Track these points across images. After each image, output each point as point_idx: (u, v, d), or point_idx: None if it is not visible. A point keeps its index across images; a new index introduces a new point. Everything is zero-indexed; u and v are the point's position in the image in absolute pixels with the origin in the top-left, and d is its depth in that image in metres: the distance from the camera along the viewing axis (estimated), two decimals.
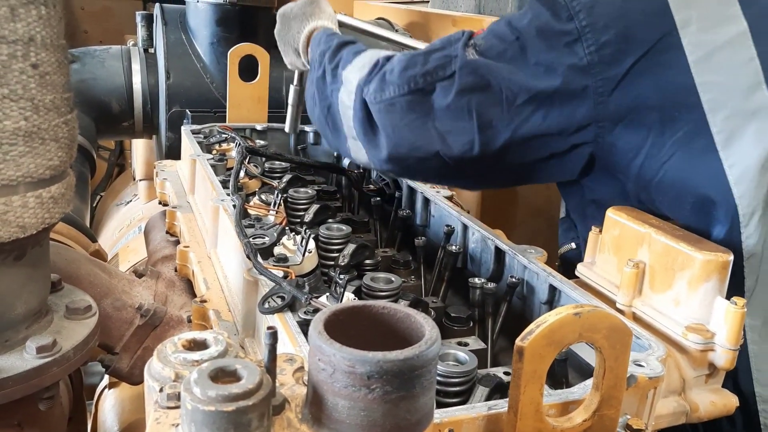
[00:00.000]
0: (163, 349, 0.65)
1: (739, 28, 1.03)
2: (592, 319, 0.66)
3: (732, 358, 0.94)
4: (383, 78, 1.21)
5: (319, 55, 1.43)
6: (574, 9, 1.08)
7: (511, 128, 1.13)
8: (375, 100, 1.21)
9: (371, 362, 0.54)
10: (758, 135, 1.02)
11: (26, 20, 0.81)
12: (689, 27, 1.04)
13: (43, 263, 0.98)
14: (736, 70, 1.04)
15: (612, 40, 1.07)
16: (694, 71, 1.04)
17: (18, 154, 0.83)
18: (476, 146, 1.14)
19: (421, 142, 1.18)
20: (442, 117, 1.15)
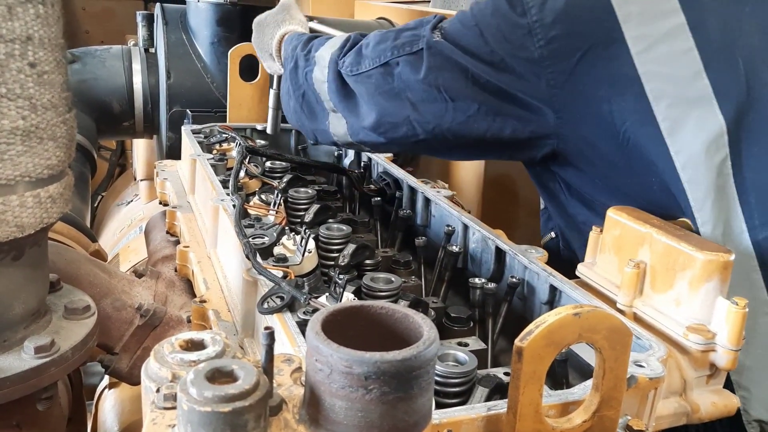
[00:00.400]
0: (160, 350, 0.65)
1: (677, 20, 1.08)
2: (591, 319, 0.66)
3: (733, 358, 0.93)
4: (359, 51, 1.31)
5: (291, 50, 1.53)
6: (527, 5, 1.14)
7: (475, 105, 1.21)
8: (351, 72, 1.31)
9: (368, 363, 0.54)
10: (700, 122, 1.08)
11: (24, 19, 0.81)
12: (630, 21, 1.10)
13: (42, 263, 0.97)
14: (676, 60, 1.09)
15: (560, 35, 1.13)
16: (637, 63, 1.10)
17: (16, 153, 0.83)
18: (446, 117, 1.22)
19: (393, 109, 1.27)
20: (415, 88, 1.24)
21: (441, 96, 1.22)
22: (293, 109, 1.53)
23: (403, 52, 1.25)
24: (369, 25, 2.82)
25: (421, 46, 1.23)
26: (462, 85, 1.20)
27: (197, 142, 1.80)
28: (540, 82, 1.16)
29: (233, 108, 2.12)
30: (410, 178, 1.59)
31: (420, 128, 1.26)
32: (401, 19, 3.01)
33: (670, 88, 1.10)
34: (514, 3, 1.16)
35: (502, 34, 1.16)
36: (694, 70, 1.08)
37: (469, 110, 1.21)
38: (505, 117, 1.21)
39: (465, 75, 1.20)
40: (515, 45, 1.16)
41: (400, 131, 1.28)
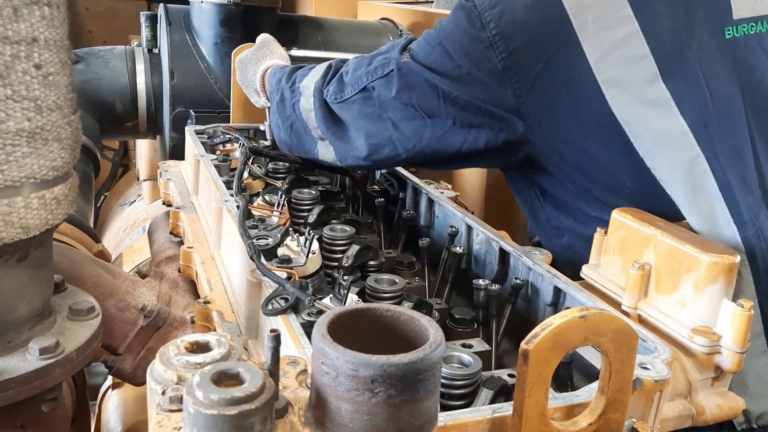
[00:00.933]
0: (165, 352, 0.65)
1: (631, 27, 1.11)
2: (597, 322, 0.66)
3: (738, 361, 0.93)
4: (341, 79, 1.36)
5: (275, 83, 1.60)
6: (485, 19, 1.17)
7: (450, 120, 1.24)
8: (336, 100, 1.36)
9: (375, 366, 0.54)
10: (661, 123, 1.11)
11: (29, 20, 0.81)
12: (587, 30, 1.13)
13: (47, 264, 0.97)
14: (632, 66, 1.12)
15: (520, 47, 1.16)
16: (595, 70, 1.13)
17: (21, 155, 0.83)
18: (425, 133, 1.26)
19: (377, 130, 1.31)
20: (393, 108, 1.28)
21: (418, 114, 1.26)
22: (283, 139, 1.58)
23: (376, 76, 1.30)
24: (372, 26, 2.82)
25: (392, 68, 1.28)
26: (434, 102, 1.24)
27: (200, 143, 1.80)
28: (506, 92, 1.19)
29: (236, 108, 2.11)
30: (414, 179, 1.59)
31: (401, 147, 1.30)
32: (404, 19, 3.01)
33: (629, 94, 1.12)
34: (473, 18, 1.19)
35: (465, 49, 1.20)
36: (651, 75, 1.11)
37: (445, 125, 1.25)
38: (478, 128, 1.24)
39: (435, 92, 1.23)
40: (478, 58, 1.19)
41: (384, 152, 1.32)
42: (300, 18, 2.73)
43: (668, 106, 1.10)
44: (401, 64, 1.26)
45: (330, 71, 1.42)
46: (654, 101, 1.11)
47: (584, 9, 1.13)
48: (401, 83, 1.26)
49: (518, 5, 1.16)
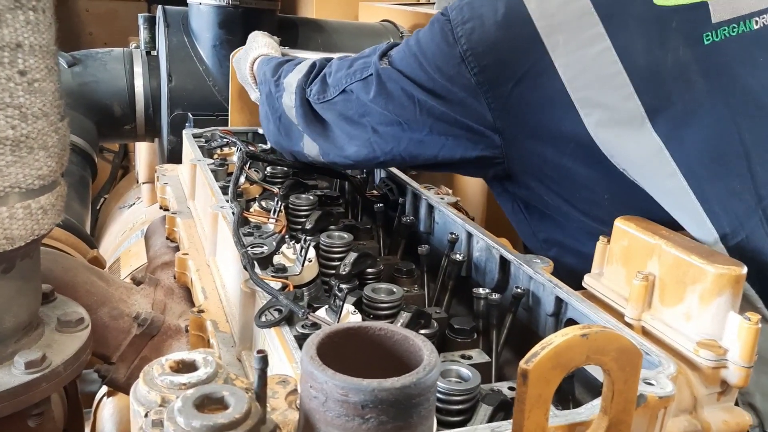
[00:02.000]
0: (149, 371, 0.62)
1: (603, 45, 1.09)
2: (600, 340, 0.63)
3: (745, 375, 0.90)
4: (324, 80, 1.36)
5: (262, 75, 1.61)
6: (457, 34, 1.16)
7: (426, 128, 1.24)
8: (318, 100, 1.37)
9: (365, 391, 0.51)
10: (635, 141, 1.09)
11: (13, 26, 0.78)
12: (558, 50, 1.11)
13: (33, 275, 0.95)
14: (606, 84, 1.09)
15: (491, 64, 1.14)
16: (569, 89, 1.11)
17: (5, 164, 0.80)
18: (403, 138, 1.26)
19: (356, 132, 1.32)
20: (372, 112, 1.28)
21: (395, 119, 1.26)
22: (272, 131, 1.58)
23: (355, 79, 1.30)
24: (373, 28, 2.80)
25: (370, 72, 1.27)
26: (411, 109, 1.23)
27: (198, 147, 1.77)
28: (481, 107, 1.18)
29: (235, 111, 2.09)
30: (414, 184, 1.57)
31: (379, 150, 1.30)
32: (405, 21, 2.99)
33: (604, 112, 1.10)
34: (446, 32, 1.18)
35: (438, 64, 1.19)
36: (625, 93, 1.08)
37: (422, 132, 1.24)
38: (455, 139, 1.23)
39: (412, 101, 1.23)
40: (452, 74, 1.18)
41: (362, 153, 1.33)
42: (300, 20, 2.71)
43: (643, 124, 1.08)
44: (380, 70, 1.26)
45: (314, 70, 1.42)
46: (629, 119, 1.09)
47: (555, 28, 1.11)
48: (378, 89, 1.26)
49: (489, 23, 1.14)
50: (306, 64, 1.46)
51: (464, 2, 1.19)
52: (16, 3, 0.78)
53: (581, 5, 1.10)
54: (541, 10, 1.11)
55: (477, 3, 1.17)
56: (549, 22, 1.11)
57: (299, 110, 1.41)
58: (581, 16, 1.09)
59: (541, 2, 1.12)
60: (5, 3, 0.77)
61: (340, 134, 1.36)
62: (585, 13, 1.09)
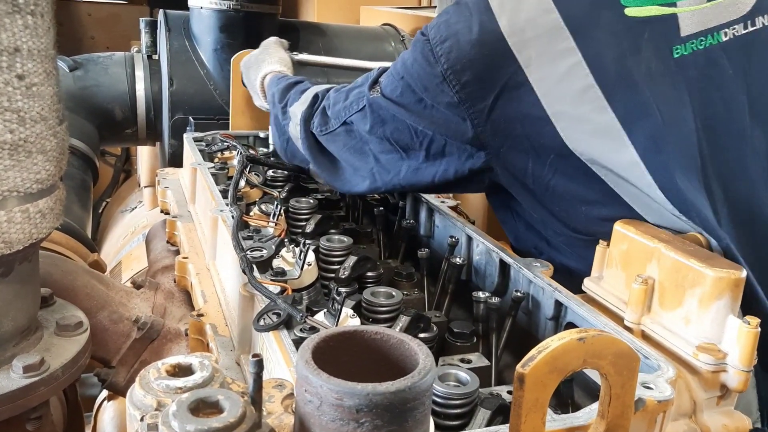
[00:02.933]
0: (145, 375, 0.62)
1: (574, 59, 1.08)
2: (597, 344, 0.63)
3: (745, 379, 0.90)
4: (324, 112, 1.39)
5: (271, 96, 1.64)
6: (437, 54, 1.16)
7: (422, 153, 1.25)
8: (321, 132, 1.40)
9: (360, 395, 0.51)
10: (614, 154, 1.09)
11: (11, 30, 0.78)
12: (531, 65, 1.11)
13: (32, 279, 0.95)
14: (579, 97, 1.09)
15: (470, 81, 1.15)
16: (544, 104, 1.11)
17: (3, 168, 0.80)
18: (403, 166, 1.28)
19: (360, 163, 1.34)
20: (372, 142, 1.30)
21: (393, 147, 1.28)
22: (281, 148, 1.61)
23: (352, 111, 1.32)
24: (374, 32, 2.80)
25: (364, 103, 1.29)
26: (406, 135, 1.25)
27: (199, 150, 1.77)
28: (466, 123, 1.18)
29: (236, 115, 2.09)
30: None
31: (380, 180, 1.32)
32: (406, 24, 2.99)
33: (579, 125, 1.10)
34: (426, 53, 1.18)
35: (424, 84, 1.19)
36: (598, 106, 1.08)
37: (419, 158, 1.26)
38: (448, 159, 1.24)
39: (405, 126, 1.24)
40: (436, 92, 1.18)
41: (365, 185, 1.35)
42: (301, 24, 2.71)
43: (618, 137, 1.08)
44: (371, 100, 1.28)
45: (316, 102, 1.44)
46: (604, 132, 1.08)
47: (526, 44, 1.11)
48: (373, 119, 1.27)
49: (464, 41, 1.14)
50: (309, 94, 1.48)
51: (441, 20, 1.19)
52: (15, 7, 0.79)
53: (551, 19, 1.09)
54: (512, 26, 1.11)
55: (453, 19, 1.17)
56: (520, 38, 1.11)
57: (305, 142, 1.44)
58: (551, 30, 1.09)
59: (511, 18, 1.11)
60: (3, 7, 0.77)
61: (346, 167, 1.38)
62: (555, 27, 1.09)
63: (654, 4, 1.08)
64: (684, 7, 1.09)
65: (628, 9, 1.08)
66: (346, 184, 1.40)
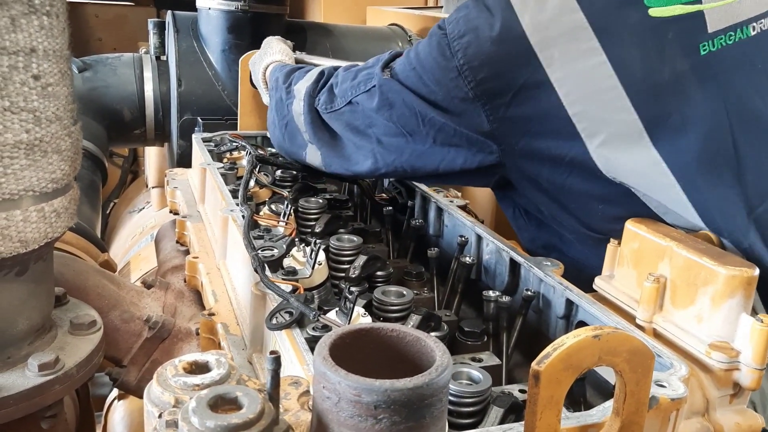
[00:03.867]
0: (163, 372, 0.63)
1: (598, 59, 1.08)
2: (612, 341, 0.63)
3: (758, 377, 0.90)
4: (331, 90, 1.38)
5: (274, 82, 1.64)
6: (453, 49, 1.16)
7: (429, 139, 1.24)
8: (326, 110, 1.38)
9: (378, 391, 0.51)
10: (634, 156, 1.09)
11: (27, 31, 0.79)
12: (554, 64, 1.10)
13: (47, 278, 0.95)
14: (602, 98, 1.08)
15: (488, 78, 1.14)
16: (565, 103, 1.10)
17: (19, 167, 0.81)
18: (406, 150, 1.27)
19: (362, 143, 1.33)
20: (377, 123, 1.29)
21: (399, 130, 1.27)
22: (277, 137, 1.60)
23: (359, 91, 1.31)
24: (381, 32, 2.80)
25: (374, 83, 1.28)
26: (413, 121, 1.24)
27: (207, 151, 1.78)
28: (480, 118, 1.18)
29: (244, 115, 2.10)
30: (422, 187, 1.57)
31: (381, 161, 1.31)
32: (413, 25, 2.99)
33: (600, 126, 1.09)
34: (442, 47, 1.18)
35: (437, 77, 1.19)
36: (622, 106, 1.07)
37: (425, 143, 1.25)
38: (456, 150, 1.24)
39: (414, 112, 1.23)
40: (450, 86, 1.18)
41: (366, 165, 1.34)
42: (308, 24, 2.71)
43: (640, 138, 1.07)
44: (382, 81, 1.27)
45: (322, 78, 1.43)
46: (626, 133, 1.08)
47: (549, 43, 1.10)
48: (381, 100, 1.26)
49: (484, 38, 1.14)
50: (315, 71, 1.48)
51: (460, 15, 1.18)
52: (30, 8, 0.79)
53: (575, 18, 1.08)
54: (535, 25, 1.11)
55: (472, 15, 1.17)
56: (543, 37, 1.10)
57: (307, 117, 1.43)
58: (575, 29, 1.08)
59: (534, 16, 1.11)
60: (19, 8, 0.78)
61: (348, 144, 1.37)
62: (579, 26, 1.08)
63: (678, 2, 1.07)
64: (710, 3, 1.08)
65: (652, 9, 1.07)
66: (347, 161, 1.38)
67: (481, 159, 1.23)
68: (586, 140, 1.11)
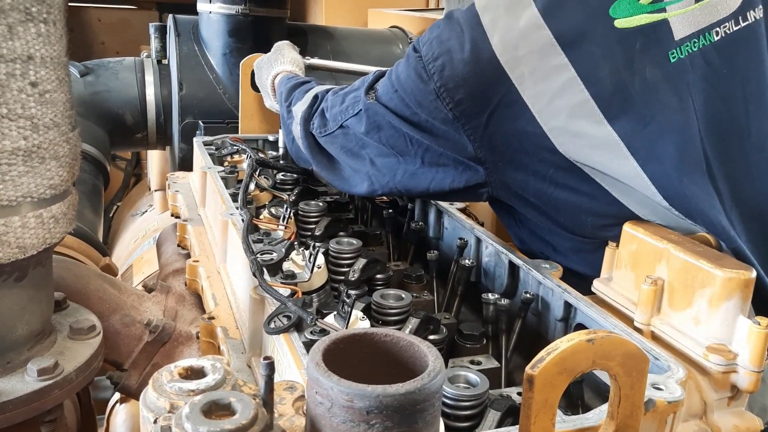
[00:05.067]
0: (158, 378, 0.63)
1: (568, 75, 1.07)
2: (606, 345, 0.63)
3: (756, 380, 0.90)
4: (323, 114, 1.40)
5: (279, 95, 1.67)
6: (429, 71, 1.16)
7: (419, 159, 1.25)
8: (321, 134, 1.41)
9: (370, 397, 0.51)
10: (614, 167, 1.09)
11: (25, 38, 0.79)
12: (525, 82, 1.10)
13: (46, 283, 0.96)
14: (575, 112, 1.08)
15: (464, 99, 1.14)
16: (540, 120, 1.10)
17: (17, 174, 0.82)
18: (399, 170, 1.28)
19: (357, 166, 1.35)
20: (368, 145, 1.31)
21: (391, 151, 1.28)
22: (289, 146, 1.64)
23: (348, 115, 1.32)
24: (382, 35, 2.81)
25: (360, 107, 1.29)
26: (402, 141, 1.25)
27: (208, 154, 1.79)
28: (462, 138, 1.18)
29: (245, 119, 2.10)
30: None
31: (377, 182, 1.32)
32: (414, 27, 3.00)
33: (577, 140, 1.09)
34: (419, 70, 1.18)
35: (417, 99, 1.19)
36: (595, 120, 1.07)
37: (415, 163, 1.25)
38: (444, 170, 1.24)
39: (401, 133, 1.24)
40: (430, 108, 1.18)
41: (363, 187, 1.35)
42: (309, 27, 2.72)
43: (618, 149, 1.07)
44: (367, 105, 1.27)
45: (316, 102, 1.45)
46: (603, 145, 1.08)
47: (519, 61, 1.10)
48: (369, 124, 1.27)
49: (457, 59, 1.14)
50: (311, 94, 1.49)
51: (433, 36, 1.18)
52: (28, 15, 0.80)
53: (542, 36, 1.08)
54: (504, 44, 1.10)
55: (445, 36, 1.16)
56: (512, 56, 1.10)
57: (304, 142, 1.46)
58: (543, 47, 1.08)
59: (503, 36, 1.11)
60: (17, 16, 0.78)
61: (345, 167, 1.39)
62: (546, 43, 1.08)
63: (643, 12, 1.06)
64: (674, 11, 1.07)
65: (618, 21, 1.07)
66: (346, 183, 1.40)
67: (468, 178, 1.23)
68: (565, 154, 1.11)
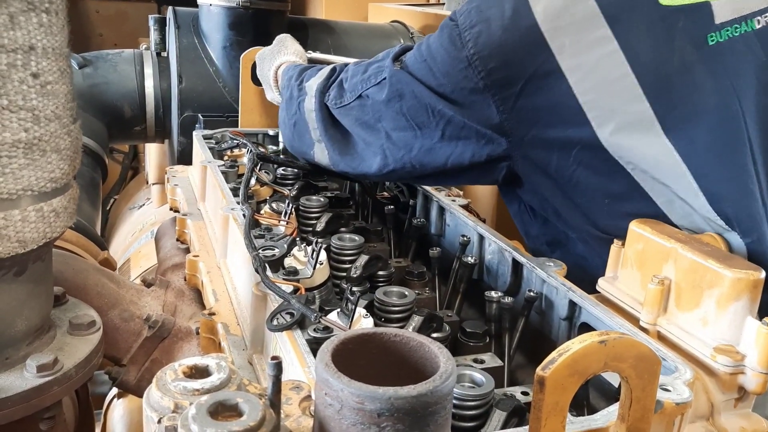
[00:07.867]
0: (162, 377, 0.62)
1: (610, 47, 1.08)
2: (618, 347, 0.62)
3: (763, 381, 0.89)
4: (341, 86, 1.38)
5: (286, 80, 1.63)
6: (464, 39, 1.16)
7: (438, 132, 1.24)
8: (336, 105, 1.38)
9: (381, 399, 0.50)
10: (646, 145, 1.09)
11: (26, 28, 0.78)
12: (565, 52, 1.10)
13: (45, 278, 0.95)
14: (614, 86, 1.08)
15: (498, 67, 1.14)
16: (576, 92, 1.10)
17: (18, 166, 0.80)
18: (415, 144, 1.26)
19: (371, 139, 1.32)
20: (386, 117, 1.29)
21: (409, 124, 1.26)
22: (288, 136, 1.59)
23: (370, 84, 1.31)
24: (383, 29, 2.79)
25: (385, 75, 1.28)
26: (423, 113, 1.24)
27: (208, 148, 1.77)
28: (490, 109, 1.18)
29: (245, 113, 2.09)
30: (424, 186, 1.56)
31: (390, 157, 1.30)
32: (415, 22, 2.98)
33: (611, 115, 1.09)
34: (453, 37, 1.18)
35: (446, 69, 1.19)
36: (633, 95, 1.07)
37: (434, 137, 1.24)
38: (465, 141, 1.23)
39: (423, 104, 1.23)
40: (459, 77, 1.18)
41: (375, 162, 1.32)
42: (310, 21, 2.70)
43: (652, 127, 1.07)
44: (392, 72, 1.27)
45: (333, 75, 1.43)
46: (637, 122, 1.08)
47: (560, 31, 1.10)
48: (392, 92, 1.26)
49: (495, 26, 1.14)
50: (327, 68, 1.48)
51: (472, 6, 1.18)
52: (30, 5, 0.78)
53: (587, 6, 1.09)
54: (547, 13, 1.11)
55: (484, 5, 1.17)
56: (554, 25, 1.10)
57: (318, 114, 1.42)
58: (587, 18, 1.09)
59: (547, 5, 1.11)
60: (18, 5, 0.77)
61: (358, 141, 1.36)
62: (591, 15, 1.08)
63: None
64: None
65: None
66: (358, 160, 1.37)
67: (489, 151, 1.22)
68: (596, 129, 1.10)
